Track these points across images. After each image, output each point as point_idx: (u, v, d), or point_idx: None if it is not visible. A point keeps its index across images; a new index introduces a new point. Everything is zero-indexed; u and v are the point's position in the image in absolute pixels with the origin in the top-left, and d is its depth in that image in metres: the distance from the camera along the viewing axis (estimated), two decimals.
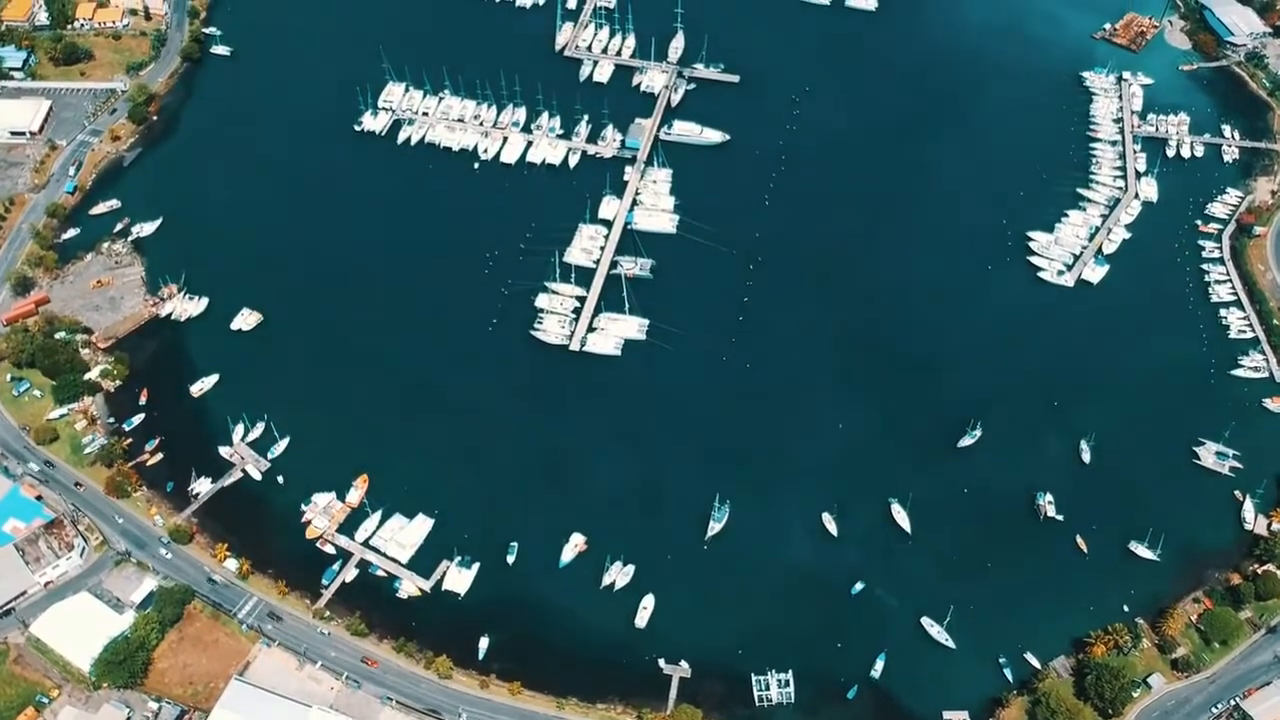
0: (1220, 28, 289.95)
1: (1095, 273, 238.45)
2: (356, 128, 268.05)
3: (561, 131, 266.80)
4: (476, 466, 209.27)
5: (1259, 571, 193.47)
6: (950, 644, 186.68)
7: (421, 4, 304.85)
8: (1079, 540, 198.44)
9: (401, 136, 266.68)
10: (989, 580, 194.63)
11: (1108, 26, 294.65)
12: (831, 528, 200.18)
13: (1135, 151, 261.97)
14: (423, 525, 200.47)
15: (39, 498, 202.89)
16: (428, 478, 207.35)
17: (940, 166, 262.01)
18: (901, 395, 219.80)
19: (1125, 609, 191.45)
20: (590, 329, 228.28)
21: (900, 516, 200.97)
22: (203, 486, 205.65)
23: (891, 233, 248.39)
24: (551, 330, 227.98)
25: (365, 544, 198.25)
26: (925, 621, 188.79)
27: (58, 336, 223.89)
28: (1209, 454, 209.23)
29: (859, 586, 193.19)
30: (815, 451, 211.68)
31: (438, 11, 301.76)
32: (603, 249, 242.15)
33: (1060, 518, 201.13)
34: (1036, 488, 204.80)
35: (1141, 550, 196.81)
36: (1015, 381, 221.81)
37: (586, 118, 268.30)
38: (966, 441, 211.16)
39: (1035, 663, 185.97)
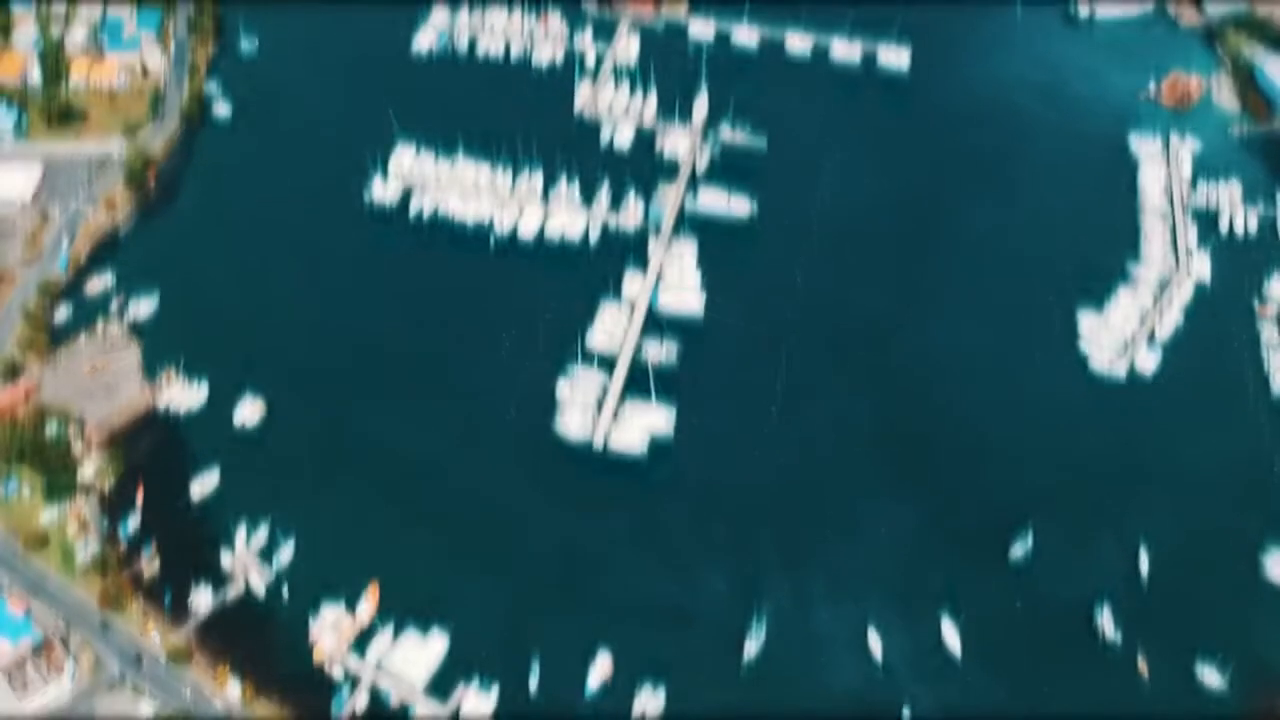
0: (1271, 89, 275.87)
1: (1148, 360, 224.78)
2: (365, 195, 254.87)
3: (581, 200, 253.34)
4: (494, 574, 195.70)
5: None
6: None
7: (432, 62, 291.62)
8: (1140, 664, 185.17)
9: (413, 206, 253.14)
10: (1047, 709, 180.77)
11: (1152, 86, 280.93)
12: (876, 648, 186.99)
13: (1186, 224, 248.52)
14: (438, 643, 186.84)
15: (28, 611, 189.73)
16: (442, 587, 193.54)
17: (981, 240, 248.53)
18: (947, 496, 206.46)
19: None
20: (614, 421, 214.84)
21: (950, 635, 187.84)
22: (203, 599, 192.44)
23: (932, 314, 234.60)
24: (573, 423, 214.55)
25: (377, 666, 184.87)
26: None
27: (48, 430, 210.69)
28: (1278, 565, 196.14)
29: (907, 715, 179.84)
30: (857, 559, 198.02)
31: (450, 70, 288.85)
32: (626, 332, 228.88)
33: (1119, 638, 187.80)
34: (1093, 602, 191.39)
35: (1209, 676, 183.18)
36: (1067, 481, 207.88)
37: (607, 185, 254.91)
38: (1018, 550, 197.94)
39: None
